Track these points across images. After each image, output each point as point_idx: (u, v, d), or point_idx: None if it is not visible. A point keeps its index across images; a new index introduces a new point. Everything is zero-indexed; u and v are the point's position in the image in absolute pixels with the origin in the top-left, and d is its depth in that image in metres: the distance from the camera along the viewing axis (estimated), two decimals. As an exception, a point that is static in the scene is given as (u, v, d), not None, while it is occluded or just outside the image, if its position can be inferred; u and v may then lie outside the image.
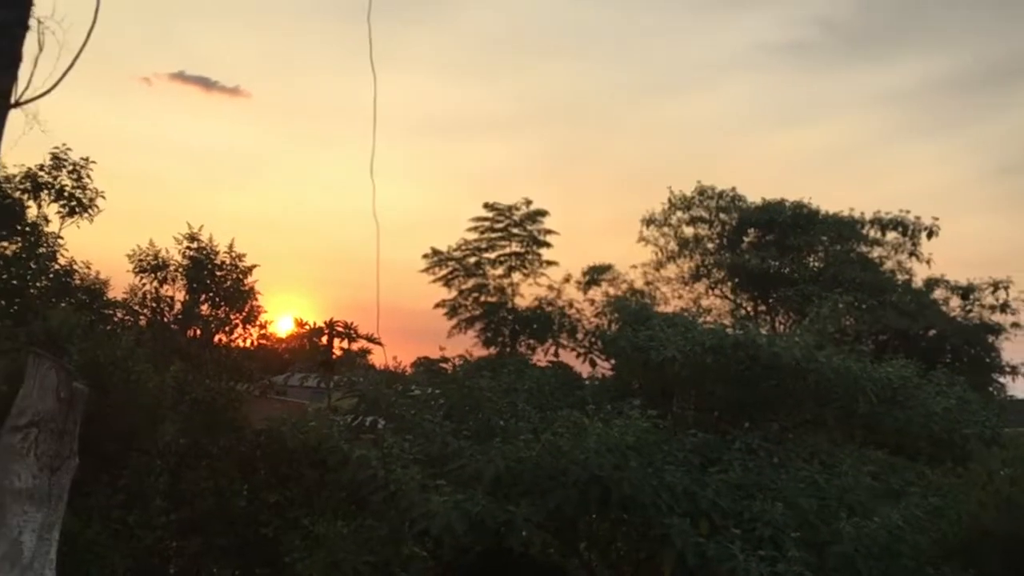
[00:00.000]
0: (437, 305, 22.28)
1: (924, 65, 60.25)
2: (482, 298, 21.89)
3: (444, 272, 22.10)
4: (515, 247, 22.04)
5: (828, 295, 20.41)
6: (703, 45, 62.87)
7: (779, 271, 25.64)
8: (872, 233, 26.44)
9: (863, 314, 23.83)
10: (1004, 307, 25.08)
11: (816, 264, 26.52)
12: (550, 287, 21.42)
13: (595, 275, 22.60)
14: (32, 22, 5.59)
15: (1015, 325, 25.14)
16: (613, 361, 19.29)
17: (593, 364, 19.39)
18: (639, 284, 24.82)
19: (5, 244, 14.97)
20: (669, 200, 27.75)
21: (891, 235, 26.32)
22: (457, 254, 22.15)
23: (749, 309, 27.39)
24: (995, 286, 25.27)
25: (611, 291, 22.25)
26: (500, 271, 22.10)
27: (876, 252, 26.64)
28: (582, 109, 65.62)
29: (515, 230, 21.99)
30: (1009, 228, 47.43)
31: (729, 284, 27.56)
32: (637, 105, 66.51)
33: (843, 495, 10.68)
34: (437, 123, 65.94)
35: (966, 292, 25.57)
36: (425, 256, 22.25)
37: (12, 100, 5.39)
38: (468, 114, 64.87)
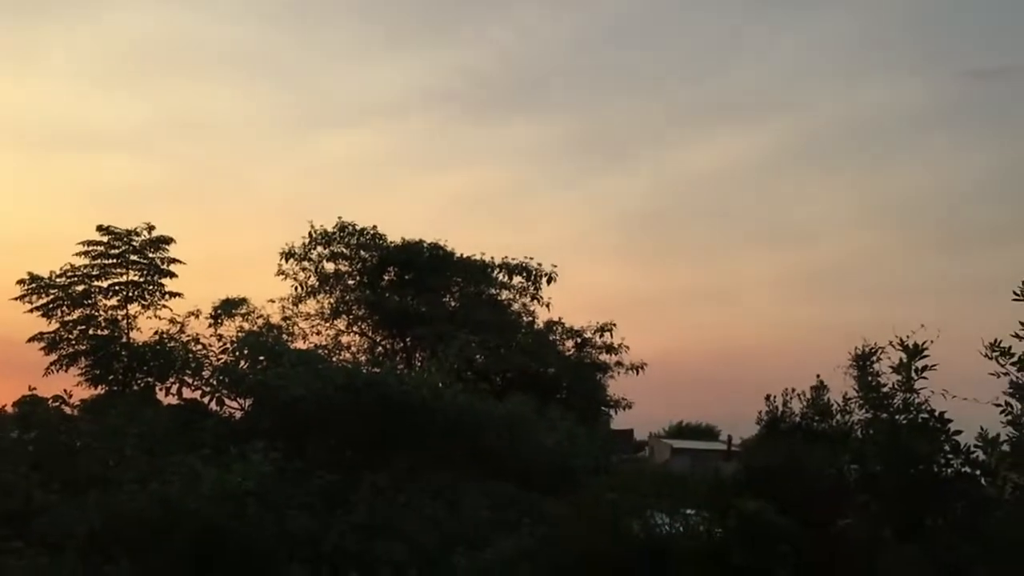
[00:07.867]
0: (32, 338, 19.40)
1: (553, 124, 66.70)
2: (91, 331, 19.49)
3: (44, 301, 19.36)
4: (133, 276, 19.99)
5: (458, 334, 21.26)
6: (358, 84, 63.90)
7: (417, 309, 26.22)
8: (501, 277, 28.13)
9: (491, 353, 25.14)
10: (610, 349, 27.96)
11: (451, 304, 27.56)
12: (173, 320, 19.52)
13: (227, 309, 21.18)
14: None
15: (619, 364, 28.10)
16: (244, 400, 18.16)
17: (221, 404, 18.08)
18: (276, 319, 23.78)
19: None
20: (310, 234, 27.23)
21: (517, 279, 28.21)
22: (61, 281, 19.54)
23: (388, 346, 27.63)
24: (601, 329, 28.11)
25: (245, 326, 20.95)
26: (114, 301, 19.89)
27: (504, 295, 28.36)
28: (225, 133, 63.04)
29: (134, 257, 19.96)
30: (620, 275, 53.72)
31: (369, 321, 27.62)
32: (287, 136, 65.51)
33: (463, 529, 10.92)
34: (61, 134, 59.28)
35: (579, 334, 28.16)
36: (20, 282, 19.33)
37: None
38: (96, 125, 59.25)
